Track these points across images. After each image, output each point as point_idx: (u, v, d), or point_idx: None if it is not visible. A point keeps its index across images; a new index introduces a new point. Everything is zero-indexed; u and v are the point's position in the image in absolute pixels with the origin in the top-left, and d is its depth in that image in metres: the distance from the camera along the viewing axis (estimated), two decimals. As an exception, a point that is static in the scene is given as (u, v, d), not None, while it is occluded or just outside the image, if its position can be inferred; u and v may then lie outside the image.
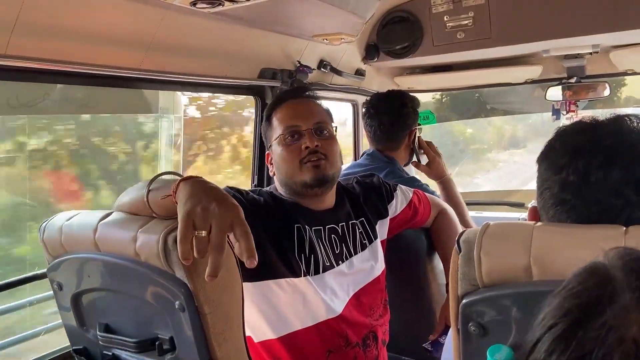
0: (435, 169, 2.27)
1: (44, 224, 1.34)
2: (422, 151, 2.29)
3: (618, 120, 0.91)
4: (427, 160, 2.29)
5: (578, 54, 2.33)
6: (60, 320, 1.39)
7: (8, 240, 2.28)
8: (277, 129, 1.59)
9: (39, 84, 1.48)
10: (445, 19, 2.23)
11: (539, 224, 0.93)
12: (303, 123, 1.56)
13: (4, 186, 2.26)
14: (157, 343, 1.18)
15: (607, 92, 2.41)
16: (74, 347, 1.37)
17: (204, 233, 0.98)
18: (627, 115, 0.92)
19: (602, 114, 0.97)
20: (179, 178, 1.09)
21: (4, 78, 1.37)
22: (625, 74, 2.43)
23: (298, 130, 1.56)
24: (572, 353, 0.45)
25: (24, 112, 1.54)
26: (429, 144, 2.32)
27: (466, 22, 2.20)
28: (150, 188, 1.13)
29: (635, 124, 0.90)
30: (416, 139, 2.27)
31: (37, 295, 1.91)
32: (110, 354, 1.28)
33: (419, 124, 2.32)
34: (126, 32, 1.50)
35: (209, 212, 0.99)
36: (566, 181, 0.89)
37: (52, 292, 1.37)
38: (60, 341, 1.72)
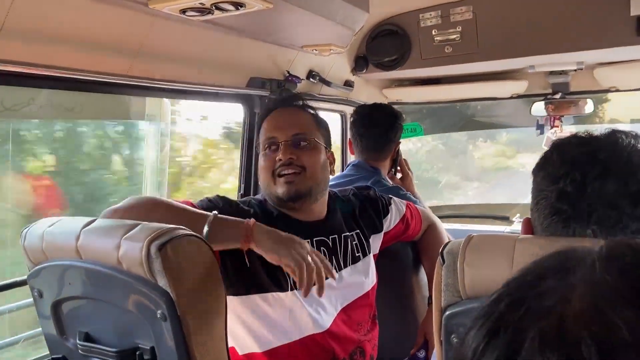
0: (407, 185, 2.32)
1: (26, 230, 1.32)
2: (399, 166, 2.34)
3: (613, 135, 0.93)
4: (401, 176, 2.34)
5: (563, 70, 2.37)
6: (40, 329, 1.39)
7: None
8: (261, 138, 1.60)
9: (24, 88, 1.48)
10: (433, 32, 2.26)
11: (522, 236, 0.94)
12: (280, 134, 1.55)
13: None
14: (137, 353, 1.17)
15: (589, 109, 2.45)
16: (52, 356, 1.35)
17: (310, 259, 1.28)
18: (621, 131, 0.94)
19: (591, 129, 0.98)
20: (244, 221, 1.32)
21: None
22: (608, 91, 2.47)
23: (275, 142, 1.55)
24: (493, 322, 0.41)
25: (8, 116, 1.53)
26: (405, 161, 2.38)
27: (454, 36, 2.22)
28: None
29: (629, 140, 0.92)
30: (397, 152, 2.30)
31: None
32: None
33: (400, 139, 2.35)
34: (114, 38, 1.50)
35: (302, 245, 1.30)
36: (563, 191, 0.90)
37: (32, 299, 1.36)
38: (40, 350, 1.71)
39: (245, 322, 1.48)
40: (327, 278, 1.34)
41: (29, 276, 1.32)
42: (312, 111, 1.67)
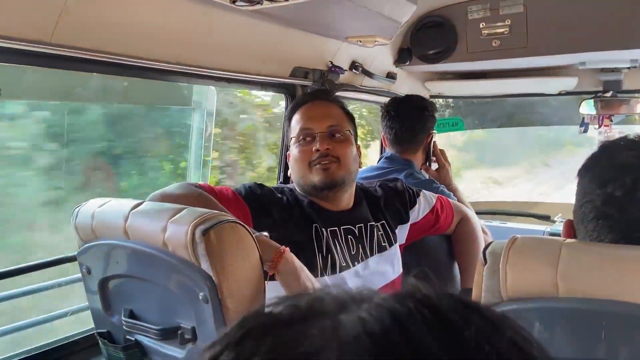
0: (443, 176, 2.29)
1: (77, 209, 1.37)
2: (434, 157, 2.31)
3: None
4: (437, 167, 2.31)
5: (615, 68, 2.30)
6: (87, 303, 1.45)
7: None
8: (294, 130, 1.63)
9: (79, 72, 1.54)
10: (481, 25, 2.22)
11: (569, 240, 0.93)
12: (316, 126, 1.59)
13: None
14: (179, 332, 1.21)
15: (641, 109, 2.38)
16: (98, 330, 1.40)
17: None
18: None
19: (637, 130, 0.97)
20: (279, 247, 1.31)
21: (47, 65, 1.41)
22: None
23: (311, 133, 1.59)
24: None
25: (64, 98, 1.59)
26: (442, 151, 2.35)
27: (502, 30, 2.18)
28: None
29: None
30: (432, 143, 2.29)
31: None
32: (132, 339, 1.31)
33: (435, 131, 2.33)
34: (166, 26, 1.53)
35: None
36: (611, 195, 0.88)
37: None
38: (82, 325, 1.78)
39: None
40: None
41: (78, 253, 1.37)
42: (341, 105, 1.69)
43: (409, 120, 2.22)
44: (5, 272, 1.68)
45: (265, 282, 1.25)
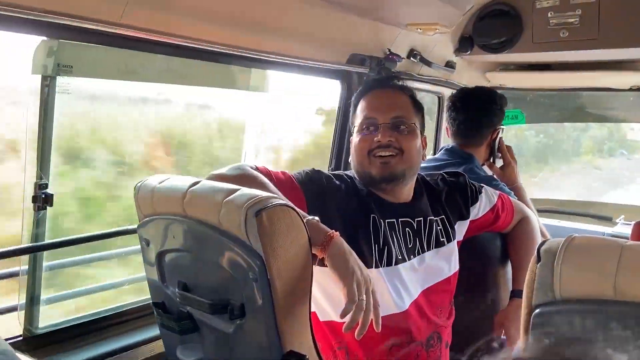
0: (508, 174, 2.25)
1: (139, 184, 1.41)
2: (500, 154, 2.27)
3: None
4: (502, 164, 2.27)
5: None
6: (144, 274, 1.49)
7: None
8: (358, 117, 1.63)
9: (144, 53, 1.59)
10: (549, 15, 2.17)
11: (630, 242, 0.91)
12: (380, 116, 1.58)
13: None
14: (229, 307, 1.23)
15: None
16: (153, 301, 1.46)
17: (364, 297, 1.25)
18: None
19: None
20: (328, 231, 1.33)
21: (116, 45, 1.46)
22: None
23: (374, 123, 1.58)
24: None
25: (129, 78, 1.65)
26: (509, 148, 2.30)
27: (572, 20, 2.12)
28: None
29: None
30: (498, 138, 2.25)
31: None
32: (185, 311, 1.36)
33: (502, 126, 2.29)
34: (225, 9, 1.56)
35: (366, 281, 1.28)
36: None
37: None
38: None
39: (328, 292, 1.53)
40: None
41: (138, 226, 1.42)
42: (411, 94, 1.67)
43: (476, 112, 2.19)
44: (75, 239, 1.76)
45: (314, 265, 1.26)
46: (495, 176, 2.21)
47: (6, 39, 1.38)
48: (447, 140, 2.44)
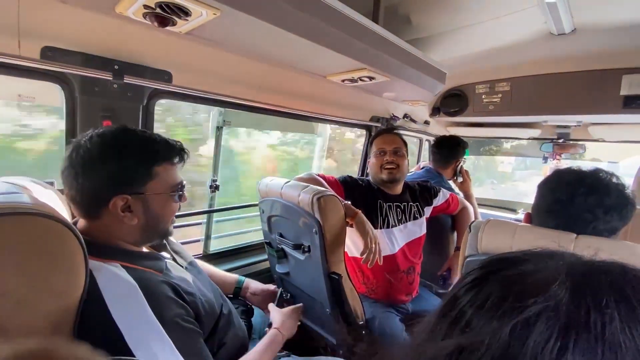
0: (465, 187, 2.15)
1: (259, 181, 1.46)
2: (461, 175, 2.19)
3: (597, 170, 0.84)
4: (462, 180, 2.19)
5: (566, 125, 2.08)
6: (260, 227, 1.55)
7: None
8: (375, 147, 1.63)
9: (266, 115, 1.59)
10: (483, 97, 2.10)
11: (521, 224, 0.89)
12: (387, 147, 1.59)
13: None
14: (302, 247, 1.28)
15: (582, 151, 2.13)
16: (265, 240, 1.51)
17: (374, 245, 1.24)
18: (603, 169, 0.85)
19: (580, 163, 0.89)
20: (355, 210, 1.29)
21: (253, 111, 1.47)
22: (597, 141, 2.11)
23: (384, 150, 1.59)
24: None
25: (258, 128, 1.68)
26: (466, 171, 2.20)
27: (496, 99, 2.05)
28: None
29: (607, 175, 0.83)
30: (459, 166, 2.16)
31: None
32: (280, 247, 1.40)
33: (465, 158, 2.20)
34: (306, 92, 1.57)
35: (375, 237, 1.25)
36: (559, 199, 0.84)
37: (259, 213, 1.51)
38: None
39: (353, 239, 1.53)
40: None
41: (259, 202, 1.47)
42: (401, 137, 1.67)
43: (444, 150, 2.12)
44: (227, 208, 1.82)
45: (347, 227, 1.28)
46: (454, 187, 2.13)
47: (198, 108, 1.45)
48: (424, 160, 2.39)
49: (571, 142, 2.15)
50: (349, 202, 1.34)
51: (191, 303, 0.77)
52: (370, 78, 1.33)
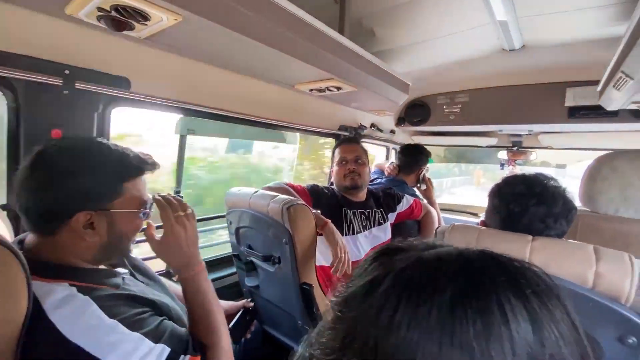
0: (428, 193, 2.23)
1: (227, 192, 1.42)
2: (424, 182, 2.26)
3: (539, 177, 0.88)
4: (425, 187, 2.26)
5: (519, 134, 2.22)
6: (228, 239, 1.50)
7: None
8: (337, 157, 1.66)
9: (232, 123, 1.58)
10: (444, 107, 2.19)
11: (484, 228, 0.91)
12: (348, 155, 1.62)
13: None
14: (272, 258, 1.26)
15: (533, 157, 2.28)
16: (233, 253, 1.47)
17: (342, 255, 1.24)
18: (543, 174, 0.89)
19: (528, 170, 0.94)
20: (325, 220, 1.30)
21: (219, 119, 1.43)
22: (546, 148, 2.27)
23: (346, 159, 1.62)
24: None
25: (224, 136, 1.63)
26: (429, 179, 2.28)
27: (456, 109, 2.15)
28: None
29: (549, 181, 0.87)
30: (422, 173, 2.23)
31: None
32: (249, 259, 1.36)
33: (427, 166, 2.28)
34: (275, 102, 1.56)
35: (344, 246, 1.26)
36: (513, 211, 0.86)
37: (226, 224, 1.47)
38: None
39: (321, 249, 1.51)
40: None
41: (226, 213, 1.43)
42: (361, 146, 1.70)
43: (407, 158, 2.19)
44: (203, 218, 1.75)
45: (317, 236, 1.28)
46: (418, 193, 2.19)
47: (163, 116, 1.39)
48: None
49: (524, 149, 2.29)
50: (319, 211, 1.33)
51: (155, 304, 0.73)
52: (338, 88, 1.35)
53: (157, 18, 0.78)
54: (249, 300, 1.17)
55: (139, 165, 0.75)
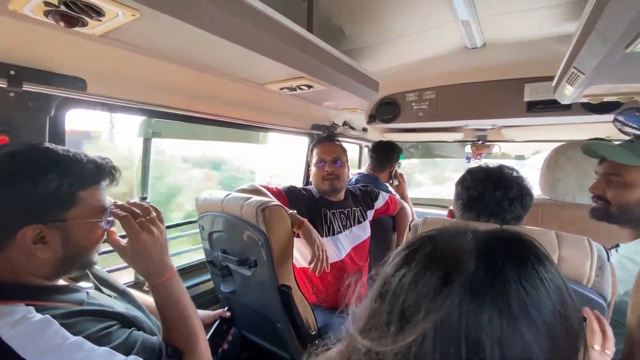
0: (401, 189, 2.27)
1: (198, 196, 1.38)
2: (396, 178, 2.30)
3: (501, 167, 0.95)
4: (397, 183, 2.29)
5: (483, 128, 2.31)
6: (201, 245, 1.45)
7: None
8: (314, 158, 1.64)
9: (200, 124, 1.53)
10: (413, 104, 2.23)
11: (452, 219, 0.96)
12: (327, 157, 1.61)
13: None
14: (247, 261, 1.23)
15: (497, 150, 2.39)
16: (207, 259, 1.42)
17: (320, 253, 1.24)
18: (507, 166, 0.95)
19: (491, 162, 0.99)
20: (301, 219, 1.29)
21: (185, 120, 1.37)
22: (508, 141, 2.39)
23: (324, 160, 1.61)
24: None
25: (192, 138, 1.58)
26: (401, 174, 2.33)
27: (424, 106, 2.19)
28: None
29: (509, 170, 0.93)
30: (394, 170, 2.27)
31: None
32: (224, 264, 1.33)
33: (400, 162, 2.32)
34: (247, 101, 1.52)
35: (321, 245, 1.25)
36: (472, 196, 0.92)
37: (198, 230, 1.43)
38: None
39: (300, 249, 1.52)
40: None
41: (198, 218, 1.38)
42: (340, 145, 1.70)
43: (379, 154, 2.22)
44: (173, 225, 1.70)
45: (294, 237, 1.27)
46: (391, 189, 2.23)
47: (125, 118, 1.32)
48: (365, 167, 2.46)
49: (489, 143, 2.39)
50: (295, 212, 1.32)
51: (123, 316, 0.69)
52: (309, 86, 1.33)
53: (112, 14, 0.73)
54: (225, 309, 1.14)
55: (96, 172, 0.69)
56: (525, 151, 2.79)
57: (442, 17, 1.32)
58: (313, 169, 1.64)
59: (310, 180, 1.72)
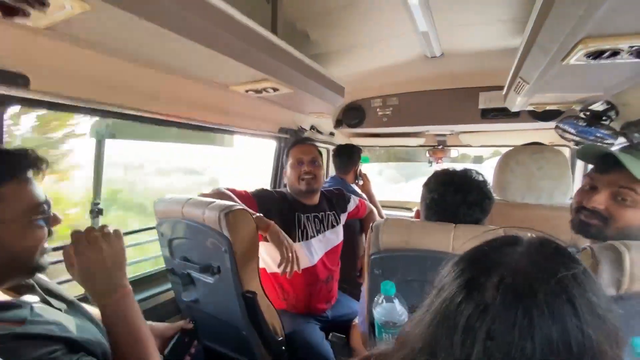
0: (366, 188, 2.33)
1: (156, 200, 1.31)
2: (361, 177, 2.34)
3: (465, 171, 0.97)
4: (362, 183, 2.34)
5: (443, 134, 2.42)
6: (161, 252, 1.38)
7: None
8: (291, 158, 1.61)
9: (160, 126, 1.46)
10: (377, 110, 2.29)
11: (414, 220, 0.98)
12: (305, 157, 1.59)
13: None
14: (210, 268, 1.19)
15: (455, 154, 2.51)
16: (167, 267, 1.36)
17: (290, 255, 1.21)
18: (472, 170, 0.98)
19: (456, 166, 1.03)
20: (268, 222, 1.26)
21: (143, 121, 1.31)
22: (466, 146, 2.51)
23: (302, 161, 1.59)
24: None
25: (150, 139, 1.47)
26: (365, 175, 2.38)
27: (388, 112, 2.26)
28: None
29: (473, 174, 0.96)
30: (358, 170, 2.32)
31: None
32: (186, 272, 1.27)
33: (362, 163, 2.38)
34: (212, 104, 1.49)
35: (290, 246, 1.22)
36: (434, 198, 0.94)
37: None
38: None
39: (271, 254, 1.48)
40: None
41: (157, 225, 1.32)
42: (317, 147, 1.70)
43: (342, 157, 2.27)
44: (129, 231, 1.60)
45: (261, 242, 1.23)
46: (357, 189, 2.26)
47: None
48: (332, 171, 2.49)
49: (447, 147, 2.51)
50: (261, 215, 1.29)
51: (70, 341, 0.62)
52: (275, 89, 1.32)
53: (58, 4, 0.67)
54: (188, 320, 1.08)
55: (15, 164, 0.62)
56: (484, 153, 2.95)
57: (403, 26, 1.37)
58: (288, 170, 1.61)
59: (284, 182, 1.69)
